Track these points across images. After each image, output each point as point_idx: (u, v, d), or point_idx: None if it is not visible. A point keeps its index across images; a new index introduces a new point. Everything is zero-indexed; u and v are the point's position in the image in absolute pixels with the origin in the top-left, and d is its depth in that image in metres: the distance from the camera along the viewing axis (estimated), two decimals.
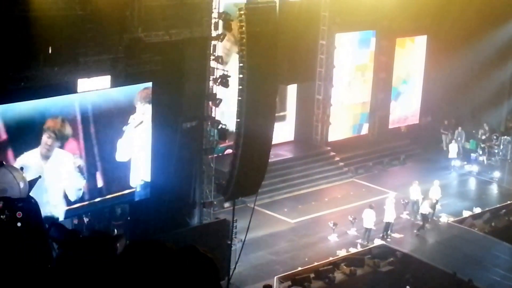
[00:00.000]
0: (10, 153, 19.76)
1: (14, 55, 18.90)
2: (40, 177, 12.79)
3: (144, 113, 22.17)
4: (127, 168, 22.47)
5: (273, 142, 24.73)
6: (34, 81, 19.47)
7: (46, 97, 20.08)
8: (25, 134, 19.90)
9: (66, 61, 20.10)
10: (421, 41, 35.83)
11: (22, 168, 12.36)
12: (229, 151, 24.80)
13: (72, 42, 20.13)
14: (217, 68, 23.87)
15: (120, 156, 22.10)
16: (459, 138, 35.44)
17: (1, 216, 5.24)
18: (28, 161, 19.47)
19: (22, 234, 9.10)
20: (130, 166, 22.53)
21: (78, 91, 20.47)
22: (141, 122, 22.20)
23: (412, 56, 35.83)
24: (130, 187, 22.61)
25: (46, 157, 20.41)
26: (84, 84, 20.55)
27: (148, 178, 22.84)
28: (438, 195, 28.30)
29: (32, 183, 11.08)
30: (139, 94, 22.01)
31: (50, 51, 19.68)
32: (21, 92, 19.31)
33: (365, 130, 34.85)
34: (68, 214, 21.35)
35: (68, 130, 20.70)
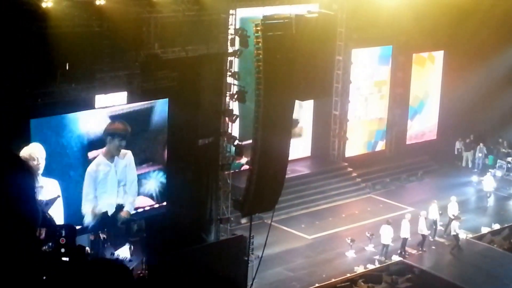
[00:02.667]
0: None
1: (32, 72, 19.02)
2: (58, 196, 12.76)
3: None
4: None
5: (290, 158, 24.67)
6: (51, 97, 19.58)
7: (63, 114, 20.16)
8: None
9: (83, 78, 20.22)
10: (439, 56, 35.71)
11: None
12: (246, 167, 24.75)
13: (89, 58, 20.24)
14: (233, 84, 23.89)
15: None
16: (479, 154, 35.27)
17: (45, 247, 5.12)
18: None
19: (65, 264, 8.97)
20: None
21: (95, 107, 20.54)
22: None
23: (430, 75, 35.71)
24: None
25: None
26: (101, 100, 20.63)
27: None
28: (455, 211, 28.07)
29: (49, 202, 11.02)
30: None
31: (67, 68, 19.80)
32: (38, 108, 19.41)
33: (379, 147, 34.71)
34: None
35: None
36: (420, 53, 35.16)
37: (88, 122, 20.38)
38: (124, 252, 22.41)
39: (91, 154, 20.68)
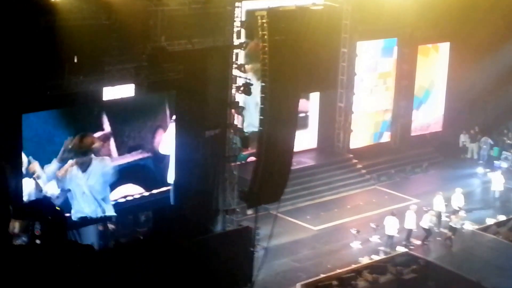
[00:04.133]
0: (112, 145, 21.35)
1: (40, 65, 19.18)
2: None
3: None
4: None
5: (296, 149, 24.80)
6: (60, 90, 19.74)
7: (72, 106, 20.35)
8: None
9: (91, 70, 20.37)
10: (444, 48, 35.75)
11: None
12: (252, 158, 24.90)
13: (97, 51, 20.40)
14: (239, 76, 24.02)
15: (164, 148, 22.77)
16: (484, 146, 35.34)
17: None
18: None
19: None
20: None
21: (103, 99, 20.71)
22: None
23: (435, 65, 35.75)
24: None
25: None
26: (109, 92, 20.79)
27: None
28: (461, 203, 28.19)
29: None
30: None
31: (75, 60, 19.96)
32: (47, 101, 19.58)
33: (385, 138, 34.81)
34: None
35: None
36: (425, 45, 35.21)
37: None
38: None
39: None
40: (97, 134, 21.75)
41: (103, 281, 18.31)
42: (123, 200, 22.65)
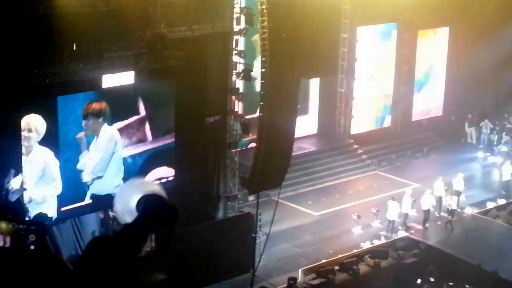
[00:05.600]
0: (148, 129, 21.65)
1: (39, 52, 19.15)
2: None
3: None
4: None
5: (296, 135, 24.83)
6: (59, 78, 19.71)
7: (71, 93, 20.34)
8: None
9: (90, 58, 20.34)
10: (444, 32, 35.69)
11: None
12: (253, 144, 24.93)
13: (96, 38, 20.36)
14: (239, 63, 24.00)
15: None
16: (484, 130, 35.34)
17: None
18: None
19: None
20: None
21: (103, 86, 20.69)
22: None
23: (435, 47, 35.71)
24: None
25: None
26: (109, 80, 20.77)
27: None
28: (461, 187, 28.24)
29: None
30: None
31: (74, 48, 19.93)
32: (46, 88, 19.57)
33: (388, 122, 34.83)
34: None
35: None
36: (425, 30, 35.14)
37: None
38: None
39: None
40: (133, 119, 21.99)
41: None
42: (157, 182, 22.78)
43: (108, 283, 3.80)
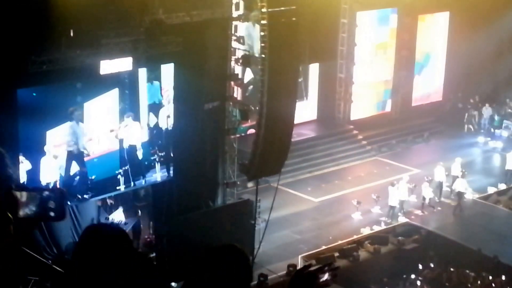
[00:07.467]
0: None
1: (36, 39, 18.98)
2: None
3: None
4: None
5: (296, 121, 24.71)
6: (56, 64, 19.53)
7: (69, 80, 20.19)
8: None
9: (88, 44, 20.16)
10: (444, 17, 35.50)
11: None
12: (252, 131, 24.81)
13: (93, 24, 20.17)
14: (238, 49, 23.85)
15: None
16: (485, 115, 35.25)
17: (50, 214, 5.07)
18: None
19: None
20: None
21: (100, 73, 20.53)
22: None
23: (435, 31, 35.53)
24: None
25: None
26: (106, 66, 20.61)
27: None
28: (458, 172, 28.14)
29: None
30: None
31: (71, 34, 19.76)
32: (43, 75, 19.41)
33: (389, 106, 34.70)
34: None
35: None
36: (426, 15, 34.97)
37: None
38: (118, 216, 22.56)
39: None
40: None
41: None
42: None
43: (108, 281, 3.77)
